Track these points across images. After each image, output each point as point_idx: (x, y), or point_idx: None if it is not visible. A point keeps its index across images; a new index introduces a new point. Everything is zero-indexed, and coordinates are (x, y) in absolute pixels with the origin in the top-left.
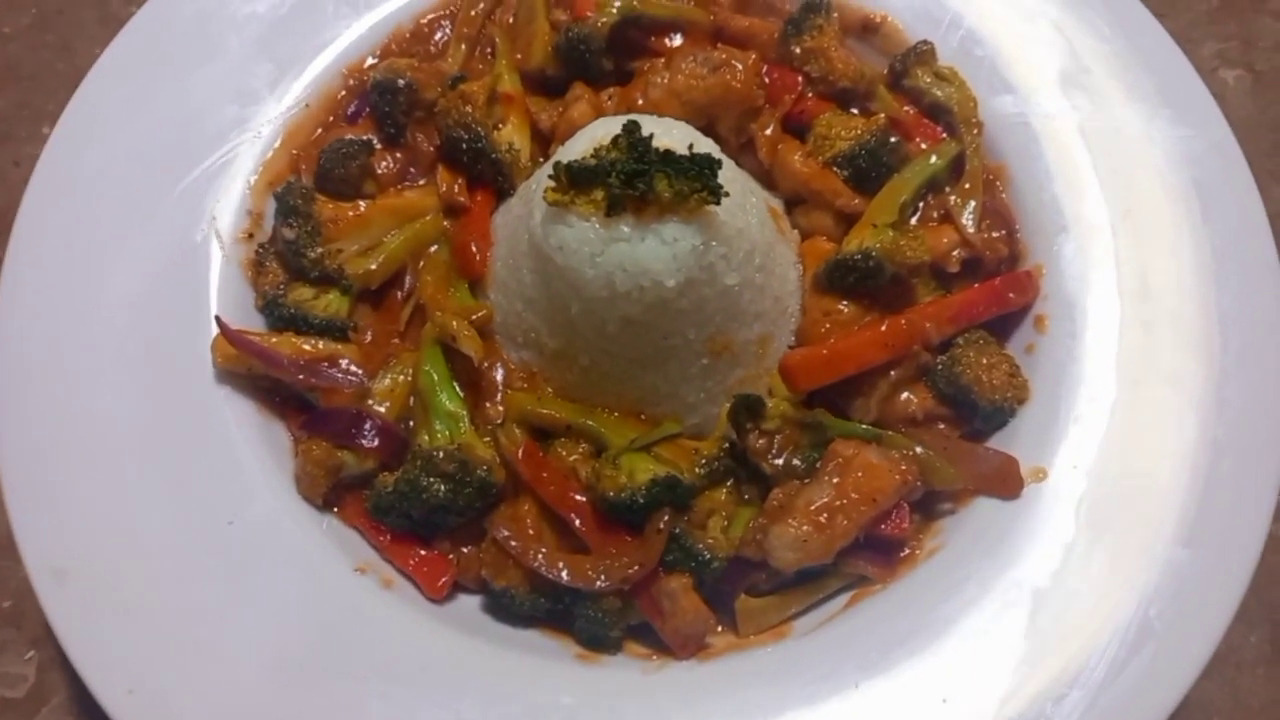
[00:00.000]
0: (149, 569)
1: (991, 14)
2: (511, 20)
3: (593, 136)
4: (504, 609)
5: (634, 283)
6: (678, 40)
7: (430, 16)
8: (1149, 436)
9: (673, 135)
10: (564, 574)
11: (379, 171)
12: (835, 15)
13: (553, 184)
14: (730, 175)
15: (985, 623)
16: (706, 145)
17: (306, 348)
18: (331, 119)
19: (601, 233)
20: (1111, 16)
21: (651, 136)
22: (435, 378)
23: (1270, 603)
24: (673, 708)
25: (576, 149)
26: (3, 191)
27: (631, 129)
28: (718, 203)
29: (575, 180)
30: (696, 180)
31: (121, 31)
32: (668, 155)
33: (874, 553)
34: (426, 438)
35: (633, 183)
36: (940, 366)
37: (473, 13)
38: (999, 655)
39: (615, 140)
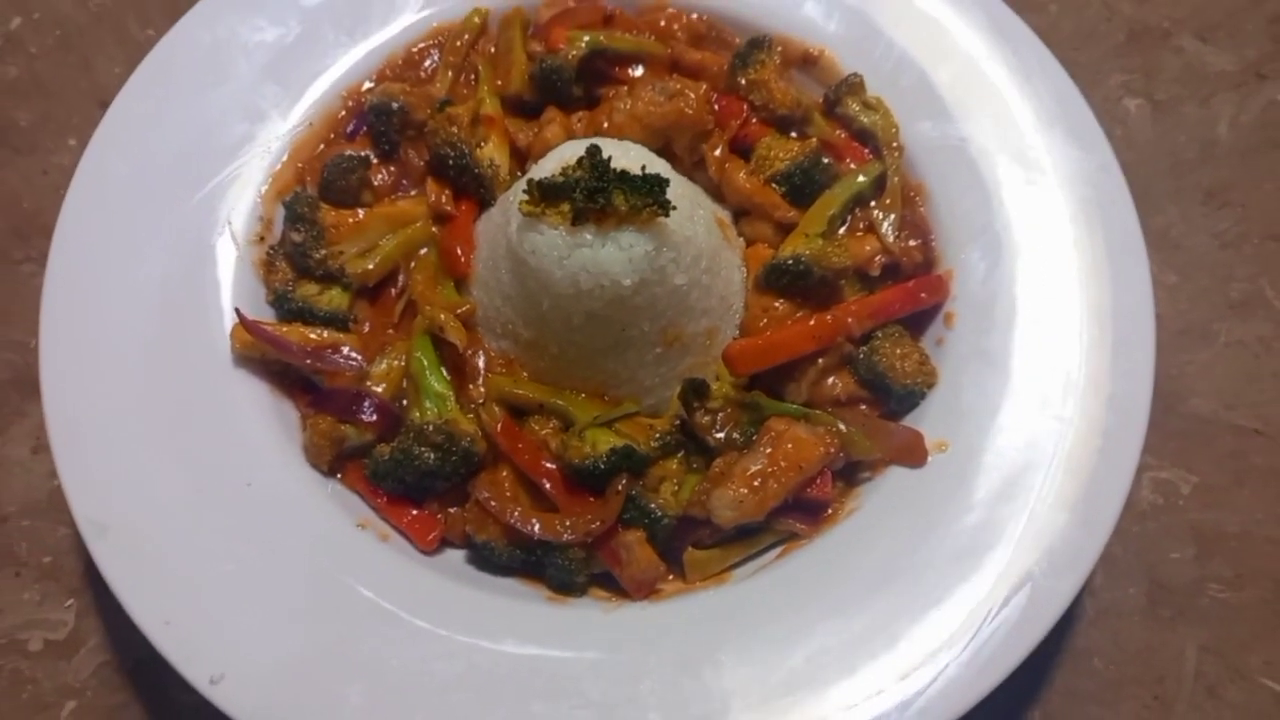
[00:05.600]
0: (179, 523)
1: (917, 50)
2: (493, 50)
3: (561, 157)
4: (485, 560)
5: (595, 282)
6: (639, 70)
7: (421, 46)
8: (1037, 417)
9: (630, 157)
10: (536, 529)
11: (375, 183)
12: (779, 50)
13: (526, 197)
14: (680, 191)
15: (892, 571)
16: (659, 165)
17: (313, 336)
18: (332, 136)
19: (568, 239)
20: (1021, 56)
21: (610, 159)
22: (425, 363)
23: (1148, 563)
24: (628, 639)
25: (547, 167)
26: (32, 196)
27: (594, 152)
28: (667, 215)
29: (546, 195)
30: (648, 196)
31: (145, 58)
32: (624, 175)
33: (801, 512)
34: (418, 414)
35: (594, 198)
36: (861, 356)
37: (458, 43)
38: (903, 597)
39: (580, 161)
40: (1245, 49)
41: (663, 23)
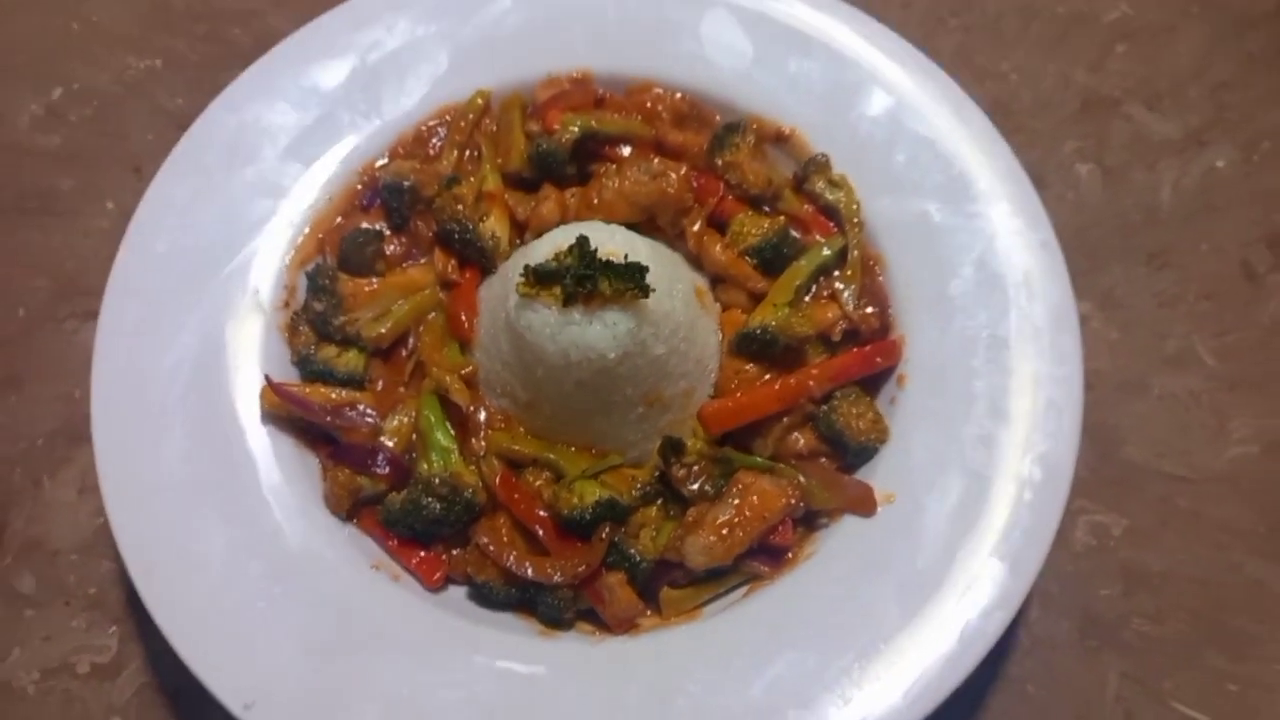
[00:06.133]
0: (216, 565)
1: (880, 130)
2: (494, 129)
3: (554, 242)
4: (484, 597)
5: (584, 355)
6: (627, 150)
7: (430, 124)
8: (978, 473)
9: (615, 240)
10: (529, 572)
11: (388, 252)
12: (754, 129)
13: (523, 280)
14: (658, 271)
15: (843, 610)
16: (641, 248)
17: (333, 396)
18: (349, 208)
19: (559, 318)
20: (975, 136)
21: (597, 250)
22: (432, 419)
23: (1079, 602)
24: (610, 669)
25: (542, 251)
26: (75, 259)
27: (583, 243)
28: (646, 296)
29: (540, 279)
30: (630, 281)
31: (179, 143)
32: (608, 263)
33: (765, 556)
34: (425, 466)
35: (582, 283)
36: (821, 414)
37: (462, 123)
38: (852, 634)
39: (570, 249)
40: (1188, 116)
41: (649, 103)
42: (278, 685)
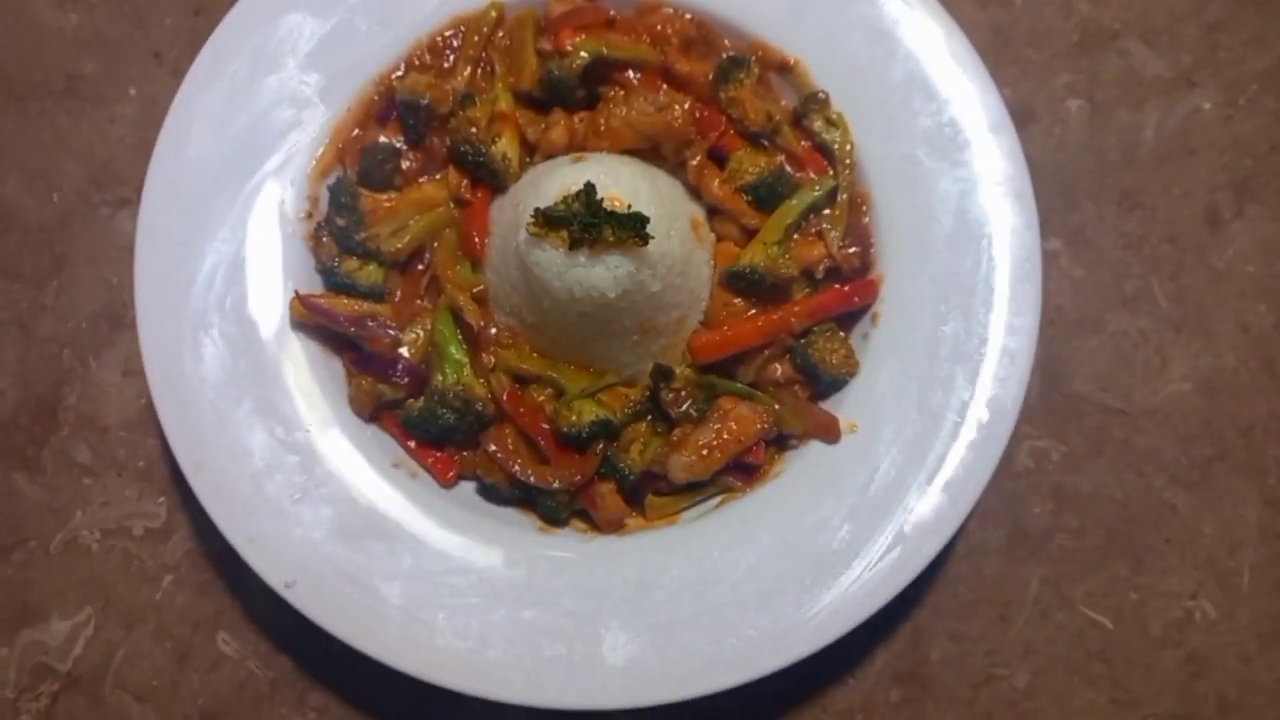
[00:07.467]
0: (254, 461)
1: (877, 70)
2: (508, 42)
3: (563, 184)
4: (492, 495)
5: (586, 293)
6: (635, 76)
7: (445, 34)
8: (933, 411)
9: (620, 185)
10: (531, 478)
11: (404, 167)
12: (758, 59)
13: (533, 222)
14: (658, 212)
15: (803, 524)
16: (644, 188)
17: (355, 307)
18: (367, 119)
19: (565, 259)
20: (970, 84)
21: (602, 200)
22: (446, 334)
23: (1013, 514)
24: (599, 562)
25: (551, 192)
26: (104, 146)
27: (590, 191)
28: (645, 244)
29: (549, 222)
30: (631, 230)
31: (201, 51)
32: (612, 214)
33: (738, 471)
34: (440, 378)
35: (588, 230)
36: (799, 347)
37: (475, 37)
38: (809, 544)
39: (578, 195)
40: (1181, 55)
41: (658, 25)
42: (312, 565)
